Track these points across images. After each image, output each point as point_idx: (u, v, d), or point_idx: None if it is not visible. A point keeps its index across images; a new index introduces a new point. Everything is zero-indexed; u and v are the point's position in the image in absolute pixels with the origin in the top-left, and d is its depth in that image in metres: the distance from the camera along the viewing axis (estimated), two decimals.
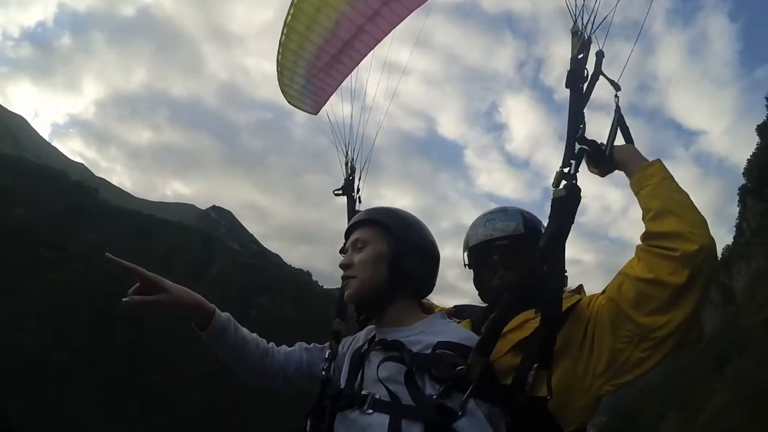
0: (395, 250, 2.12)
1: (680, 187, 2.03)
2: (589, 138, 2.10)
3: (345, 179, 3.39)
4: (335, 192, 3.39)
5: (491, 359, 1.88)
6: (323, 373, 2.31)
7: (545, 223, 2.09)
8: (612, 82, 2.16)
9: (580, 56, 2.11)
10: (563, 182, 2.03)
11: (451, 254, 2.68)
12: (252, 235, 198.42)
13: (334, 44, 3.58)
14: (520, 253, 2.41)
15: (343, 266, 2.18)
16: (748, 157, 66.91)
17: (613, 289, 2.01)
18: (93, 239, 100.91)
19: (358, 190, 3.37)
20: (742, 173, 67.33)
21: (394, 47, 3.68)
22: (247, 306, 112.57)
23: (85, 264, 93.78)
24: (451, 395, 1.77)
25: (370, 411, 1.87)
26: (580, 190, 2.03)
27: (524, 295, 2.00)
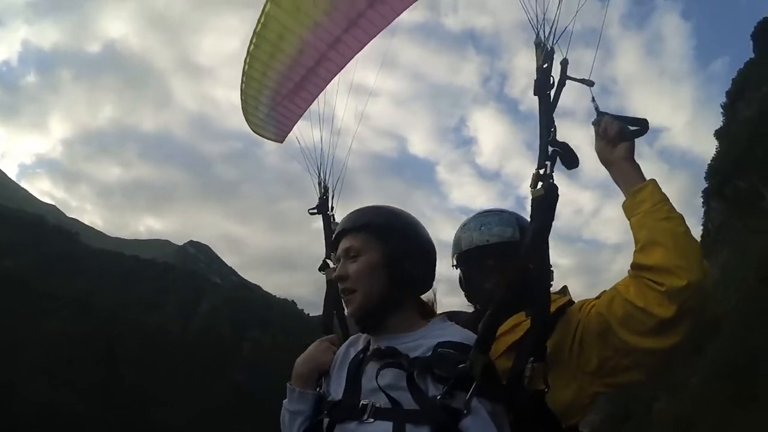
0: (391, 254, 2.09)
1: (672, 212, 2.02)
2: (560, 141, 2.17)
3: (319, 198, 3.43)
4: (310, 211, 3.43)
5: None
6: (317, 389, 2.23)
7: None
8: (583, 81, 2.25)
9: (545, 66, 2.24)
10: (540, 183, 2.13)
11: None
12: (231, 267, 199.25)
13: (297, 72, 3.59)
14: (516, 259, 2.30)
15: (338, 278, 2.15)
16: (709, 162, 72.28)
17: (603, 304, 2.05)
18: (83, 286, 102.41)
19: (332, 209, 3.40)
20: (704, 177, 72.55)
21: (360, 70, 3.69)
22: (240, 339, 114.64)
23: (80, 311, 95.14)
24: (454, 395, 1.78)
25: (371, 420, 1.86)
26: (557, 188, 2.12)
27: (515, 294, 2.05)
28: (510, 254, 2.50)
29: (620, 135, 2.20)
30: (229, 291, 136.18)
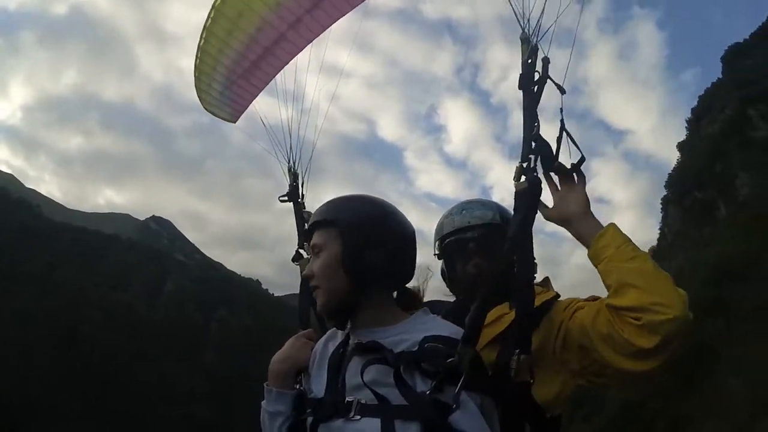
0: (348, 248, 2.02)
1: (636, 251, 2.04)
2: (543, 138, 2.22)
3: (289, 185, 3.41)
4: (281, 198, 3.40)
5: None
6: (297, 386, 2.19)
7: None
8: (558, 86, 2.27)
9: (530, 61, 2.26)
10: (523, 176, 2.16)
11: None
12: (194, 245, 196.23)
13: (254, 51, 3.52)
14: (496, 242, 2.37)
15: (306, 277, 2.15)
16: (670, 172, 75.21)
17: (589, 317, 2.07)
18: (45, 261, 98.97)
19: (303, 196, 3.40)
20: (664, 185, 76.00)
21: (334, 50, 3.64)
22: (207, 319, 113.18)
23: (41, 289, 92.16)
24: (443, 389, 1.76)
25: (358, 417, 1.83)
26: (540, 181, 2.16)
27: (499, 286, 2.04)
28: (491, 237, 2.54)
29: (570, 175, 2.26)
30: (195, 269, 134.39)
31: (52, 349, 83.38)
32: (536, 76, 2.26)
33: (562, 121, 2.25)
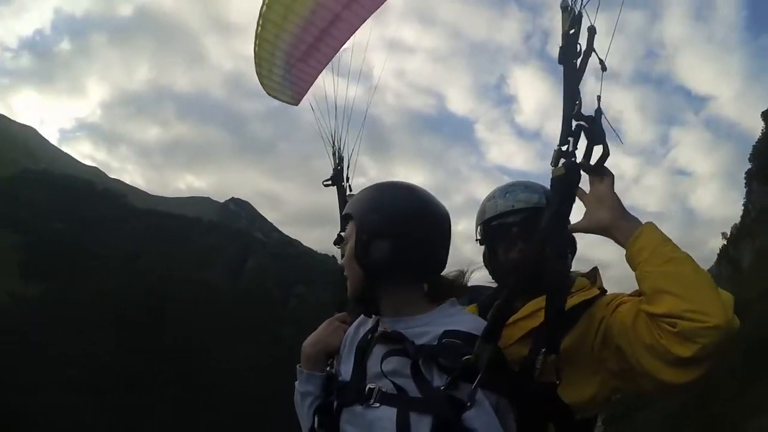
0: (357, 242, 2.01)
1: (675, 252, 1.89)
2: (585, 114, 2.02)
3: (333, 169, 3.38)
4: (324, 183, 3.36)
5: (502, 347, 1.89)
6: (327, 368, 2.22)
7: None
8: (600, 62, 2.06)
9: (572, 31, 2.06)
10: (562, 160, 2.01)
11: (465, 228, 2.43)
12: (272, 223, 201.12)
13: (311, 33, 3.52)
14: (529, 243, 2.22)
15: (341, 269, 2.16)
16: (754, 143, 71.73)
17: (629, 319, 1.94)
18: (132, 246, 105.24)
19: (348, 179, 3.34)
20: (748, 158, 72.25)
21: (395, 26, 3.58)
22: (286, 296, 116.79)
23: (129, 271, 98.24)
24: (458, 386, 1.75)
25: (377, 405, 1.85)
26: (578, 168, 2.01)
27: (527, 282, 1.97)
28: (536, 221, 2.27)
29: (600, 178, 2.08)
30: (274, 247, 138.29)
31: (142, 327, 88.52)
32: (579, 49, 2.06)
33: (599, 107, 2.06)
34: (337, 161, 3.41)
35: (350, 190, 3.31)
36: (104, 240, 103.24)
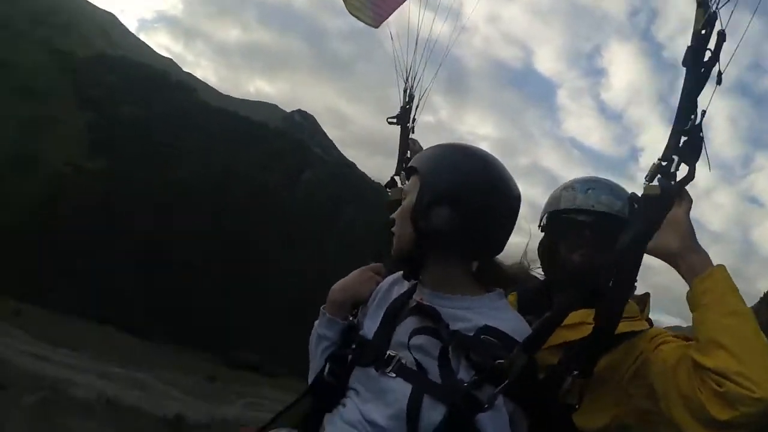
0: (419, 202, 1.88)
1: (739, 306, 1.75)
2: (699, 130, 1.82)
3: (401, 107, 3.25)
4: (389, 120, 3.25)
5: None
6: (350, 317, 2.18)
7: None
8: (719, 73, 1.83)
9: (704, 32, 1.83)
10: (658, 177, 1.86)
11: (523, 192, 2.01)
12: (332, 141, 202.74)
13: None
14: (616, 237, 1.96)
15: (390, 222, 2.04)
16: None
17: (672, 360, 1.85)
18: (201, 140, 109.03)
19: (414, 120, 3.22)
20: None
21: None
22: (336, 213, 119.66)
23: (195, 162, 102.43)
24: (482, 386, 1.69)
25: (393, 375, 1.80)
26: (676, 191, 1.85)
27: (585, 300, 1.90)
28: (611, 230, 2.11)
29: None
30: (331, 165, 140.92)
31: (207, 216, 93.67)
32: (707, 56, 1.83)
33: (700, 123, 1.84)
34: (407, 99, 3.26)
35: (413, 132, 3.22)
36: (173, 130, 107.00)
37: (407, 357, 1.81)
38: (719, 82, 1.85)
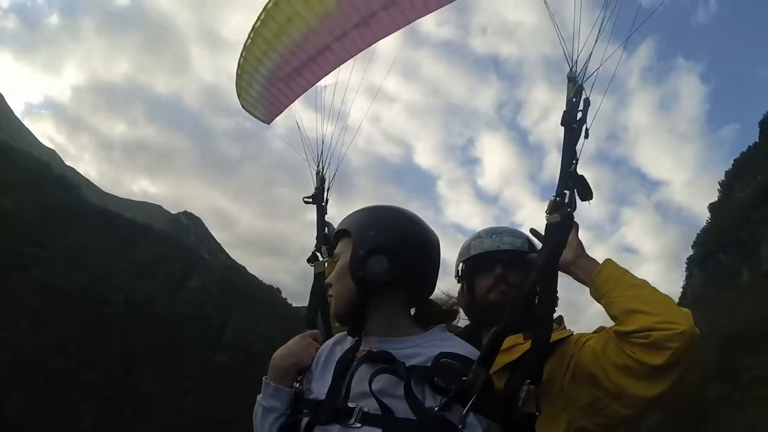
0: (354, 255, 2.02)
1: (635, 279, 2.13)
2: (578, 173, 2.29)
3: (315, 188, 3.42)
4: (305, 200, 3.40)
5: None
6: (296, 384, 2.17)
7: None
8: (585, 130, 2.34)
9: (574, 99, 2.35)
10: (556, 210, 2.25)
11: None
12: (220, 244, 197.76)
13: (298, 57, 3.54)
14: (522, 270, 2.51)
15: (326, 285, 2.16)
16: (698, 232, 76.21)
17: (598, 346, 2.13)
18: (78, 240, 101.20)
19: (326, 201, 3.40)
20: (692, 245, 76.43)
21: (379, 74, 3.71)
22: (224, 321, 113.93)
23: (71, 265, 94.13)
24: (452, 407, 1.75)
25: (358, 425, 1.80)
26: (572, 216, 2.24)
27: (523, 314, 2.11)
28: (518, 264, 2.62)
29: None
30: (219, 270, 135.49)
31: (81, 324, 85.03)
32: (578, 116, 2.35)
33: (574, 162, 2.32)
34: (320, 181, 3.48)
35: (326, 212, 3.40)
36: (51, 229, 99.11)
37: (369, 404, 1.85)
38: (587, 136, 2.34)
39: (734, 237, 59.99)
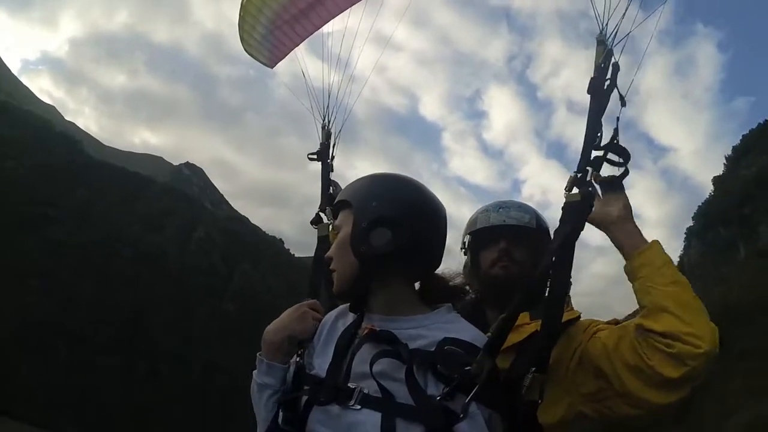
0: (355, 228, 1.93)
1: (677, 276, 1.97)
2: (616, 144, 2.14)
3: (321, 144, 3.27)
4: (309, 156, 3.27)
5: None
6: (297, 359, 2.10)
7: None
8: (621, 97, 2.17)
9: (603, 65, 2.16)
10: (576, 188, 2.08)
11: None
12: (222, 195, 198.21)
13: None
14: (528, 246, 2.49)
15: (326, 259, 2.05)
16: (700, 204, 76.65)
17: (612, 340, 2.02)
18: (84, 197, 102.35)
19: (332, 157, 3.24)
20: (692, 216, 76.88)
21: (388, 20, 3.51)
22: (230, 271, 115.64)
23: (80, 222, 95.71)
24: (454, 396, 1.70)
25: (358, 407, 1.76)
26: (593, 196, 2.08)
27: (533, 298, 2.01)
28: (523, 239, 2.57)
29: (612, 191, 2.20)
30: (223, 221, 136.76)
31: (89, 280, 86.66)
32: (606, 84, 2.17)
33: (616, 130, 2.16)
34: (325, 137, 3.31)
35: (332, 169, 3.23)
36: (56, 187, 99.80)
37: (370, 386, 1.79)
38: (623, 103, 2.20)
39: (735, 213, 60.42)
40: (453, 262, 2.57)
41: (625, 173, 2.19)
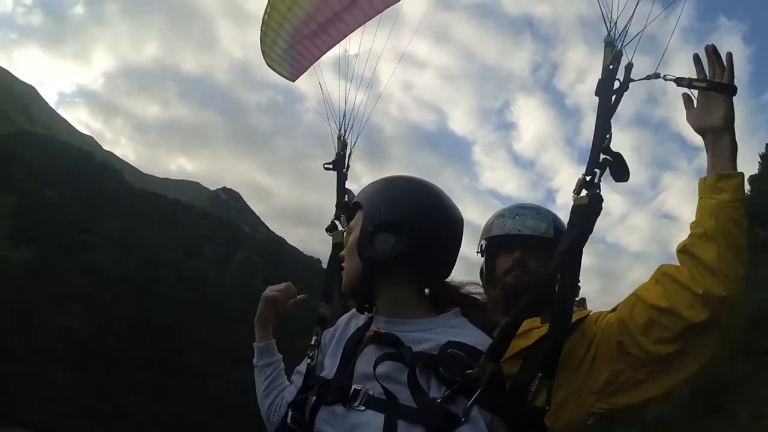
0: (362, 232, 1.95)
1: (743, 219, 1.94)
2: (614, 150, 2.05)
3: (336, 154, 3.30)
4: (325, 166, 3.30)
5: None
6: (308, 361, 2.21)
7: None
8: (648, 76, 2.14)
9: (611, 66, 2.12)
10: (584, 190, 2.04)
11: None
12: (258, 217, 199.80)
13: (323, 13, 3.50)
14: (544, 256, 2.37)
15: (340, 259, 2.11)
16: None
17: (624, 311, 2.00)
18: (125, 223, 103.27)
19: (348, 167, 3.28)
20: None
21: (408, 38, 3.66)
22: None
23: (118, 248, 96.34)
24: (456, 399, 1.68)
25: (362, 408, 1.76)
26: (602, 199, 2.02)
27: (539, 303, 1.98)
28: (538, 250, 2.48)
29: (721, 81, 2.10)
30: (262, 243, 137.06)
31: (130, 304, 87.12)
32: (616, 84, 2.13)
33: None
34: (341, 147, 3.32)
35: (347, 178, 3.26)
36: (98, 215, 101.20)
37: (374, 388, 1.80)
38: (657, 76, 2.15)
39: None
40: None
41: (716, 85, 2.11)
